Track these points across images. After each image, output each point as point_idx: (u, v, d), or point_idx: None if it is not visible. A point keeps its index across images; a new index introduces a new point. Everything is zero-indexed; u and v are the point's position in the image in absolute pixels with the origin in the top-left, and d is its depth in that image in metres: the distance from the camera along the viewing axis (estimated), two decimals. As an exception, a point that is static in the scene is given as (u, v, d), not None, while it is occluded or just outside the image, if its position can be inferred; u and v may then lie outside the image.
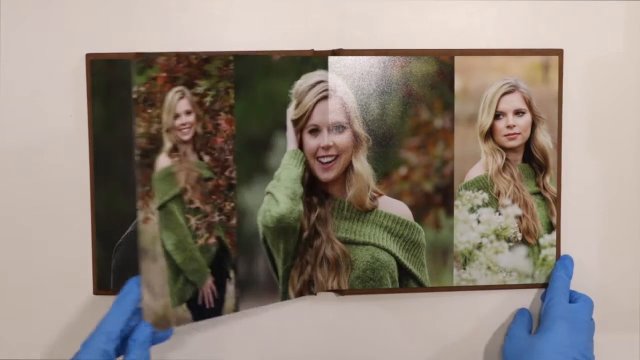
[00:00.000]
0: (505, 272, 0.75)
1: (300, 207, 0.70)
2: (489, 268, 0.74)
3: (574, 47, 0.74)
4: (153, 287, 0.64)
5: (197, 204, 0.66)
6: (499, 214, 0.74)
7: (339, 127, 0.71)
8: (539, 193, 0.74)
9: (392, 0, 0.74)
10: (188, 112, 0.65)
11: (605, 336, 0.76)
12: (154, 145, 0.63)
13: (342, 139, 0.71)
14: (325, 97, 0.71)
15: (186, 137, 0.65)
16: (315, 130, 0.71)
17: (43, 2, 0.73)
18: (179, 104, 0.65)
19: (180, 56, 0.65)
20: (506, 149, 0.74)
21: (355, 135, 0.71)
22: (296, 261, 0.71)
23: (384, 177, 0.72)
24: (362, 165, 0.71)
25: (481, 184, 0.74)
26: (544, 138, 0.74)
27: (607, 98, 0.76)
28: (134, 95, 0.62)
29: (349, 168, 0.72)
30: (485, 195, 0.74)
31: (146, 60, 0.63)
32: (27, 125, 0.74)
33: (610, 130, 0.76)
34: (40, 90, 0.73)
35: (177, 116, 0.65)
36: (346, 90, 0.71)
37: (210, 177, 0.67)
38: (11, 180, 0.74)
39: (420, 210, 0.73)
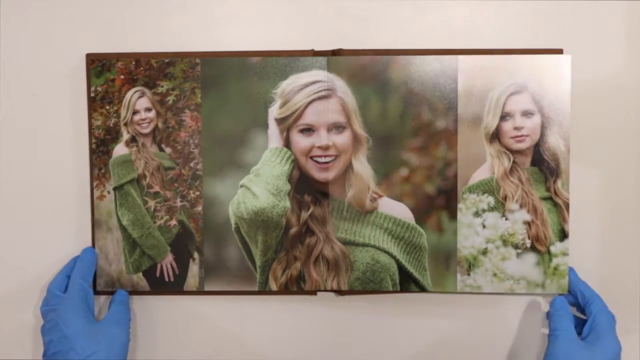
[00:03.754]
0: (513, 280, 0.72)
1: (286, 203, 0.72)
2: (495, 275, 0.73)
3: (574, 47, 0.74)
4: (107, 253, 0.74)
5: (157, 188, 0.74)
6: (506, 219, 0.72)
7: (339, 127, 0.71)
8: (549, 198, 0.72)
9: (392, 0, 0.74)
10: (148, 109, 0.73)
11: (605, 336, 0.75)
12: (111, 135, 0.73)
13: (342, 139, 0.71)
14: (322, 97, 0.71)
15: (145, 131, 0.74)
16: (307, 130, 0.71)
17: (43, 2, 0.73)
18: (138, 102, 0.73)
19: (139, 61, 0.72)
20: (513, 152, 0.72)
21: (355, 136, 0.71)
22: (280, 255, 0.72)
23: (385, 178, 0.72)
24: (362, 166, 0.71)
25: (487, 187, 0.72)
26: (555, 141, 0.72)
27: (607, 98, 0.76)
28: (91, 94, 0.73)
29: (348, 168, 0.72)
30: (491, 199, 0.72)
31: (103, 65, 0.72)
32: (27, 124, 0.74)
33: (611, 130, 0.76)
34: (40, 90, 0.74)
35: (136, 112, 0.73)
36: (346, 90, 0.71)
37: (171, 166, 0.74)
38: (11, 180, 0.74)
39: (421, 213, 0.73)
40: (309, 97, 0.72)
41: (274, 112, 0.72)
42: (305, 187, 0.73)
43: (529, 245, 0.72)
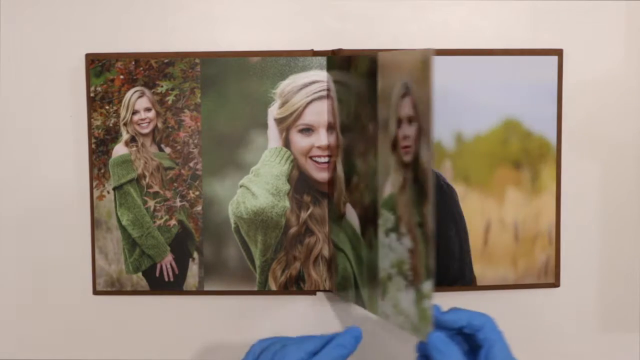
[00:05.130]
0: (403, 316, 0.60)
1: (286, 203, 0.72)
2: (394, 306, 0.62)
3: (574, 47, 0.74)
4: (107, 253, 0.74)
5: (156, 188, 0.73)
6: (400, 243, 0.61)
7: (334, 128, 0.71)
8: (421, 226, 0.58)
9: (392, 0, 0.74)
10: (148, 109, 0.73)
11: (605, 336, 0.76)
12: (110, 135, 0.73)
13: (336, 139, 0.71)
14: (321, 97, 0.71)
15: (145, 131, 0.74)
16: (307, 130, 0.71)
17: (43, 2, 0.73)
18: (138, 102, 0.73)
19: (139, 61, 0.72)
20: (405, 165, 0.60)
21: (338, 137, 0.71)
22: (279, 255, 0.73)
23: (347, 184, 0.70)
24: (339, 168, 0.71)
25: (390, 204, 0.62)
26: (425, 154, 0.57)
27: (607, 98, 0.76)
28: (91, 94, 0.72)
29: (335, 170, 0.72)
30: (393, 218, 0.61)
31: (103, 65, 0.72)
32: (27, 124, 0.74)
33: (610, 130, 0.76)
34: (40, 90, 0.74)
35: (135, 112, 0.73)
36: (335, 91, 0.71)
37: (171, 166, 0.73)
38: (11, 180, 0.74)
39: (362, 224, 0.68)
40: (308, 97, 0.72)
41: (273, 112, 0.72)
42: (305, 187, 0.73)
43: (411, 278, 0.59)
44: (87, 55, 0.73)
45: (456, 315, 0.60)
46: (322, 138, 0.72)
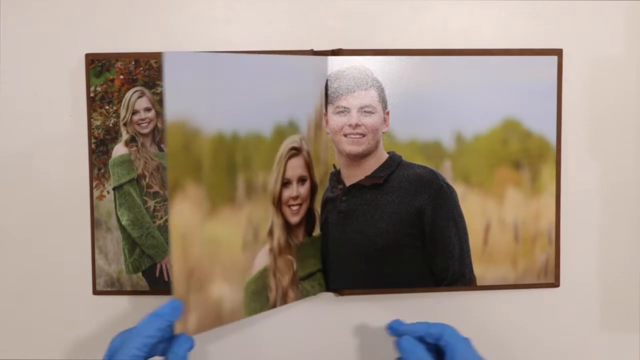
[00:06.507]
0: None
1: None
2: None
3: (574, 47, 0.74)
4: (107, 253, 0.74)
5: (156, 188, 0.74)
6: None
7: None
8: None
9: (392, 0, 0.74)
10: (148, 109, 0.74)
11: (605, 336, 0.76)
12: (110, 135, 0.73)
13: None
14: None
15: (145, 131, 0.74)
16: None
17: (43, 2, 0.73)
18: (138, 102, 0.73)
19: (139, 61, 0.72)
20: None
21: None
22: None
23: None
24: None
25: None
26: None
27: (607, 98, 0.76)
28: (91, 94, 0.73)
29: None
30: None
31: (103, 65, 0.72)
32: (27, 124, 0.74)
33: (610, 130, 0.76)
34: (40, 90, 0.74)
35: (135, 112, 0.73)
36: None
37: None
38: (10, 181, 0.74)
39: None
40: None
41: None
42: None
43: None
44: (87, 55, 0.73)
45: (414, 327, 0.67)
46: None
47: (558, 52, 0.74)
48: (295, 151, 0.70)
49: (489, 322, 0.76)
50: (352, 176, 0.73)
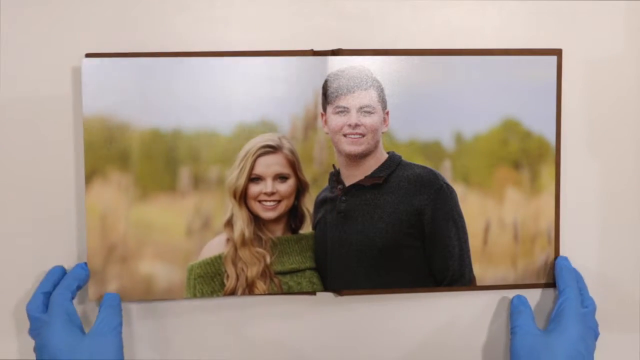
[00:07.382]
0: None
1: None
2: None
3: (574, 47, 0.74)
4: None
5: None
6: None
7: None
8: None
9: (392, 0, 0.74)
10: None
11: (605, 336, 0.75)
12: None
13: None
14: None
15: None
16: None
17: (43, 1, 0.73)
18: None
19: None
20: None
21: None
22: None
23: None
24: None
25: None
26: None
27: (607, 98, 0.76)
28: None
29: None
30: None
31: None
32: (27, 124, 0.74)
33: (610, 130, 0.76)
34: (39, 90, 0.74)
35: None
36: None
37: None
38: (10, 180, 0.74)
39: None
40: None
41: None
42: None
43: None
44: (87, 55, 0.73)
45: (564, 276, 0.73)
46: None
47: (558, 52, 0.74)
48: (270, 149, 0.71)
49: (489, 322, 0.76)
50: (351, 176, 0.73)
